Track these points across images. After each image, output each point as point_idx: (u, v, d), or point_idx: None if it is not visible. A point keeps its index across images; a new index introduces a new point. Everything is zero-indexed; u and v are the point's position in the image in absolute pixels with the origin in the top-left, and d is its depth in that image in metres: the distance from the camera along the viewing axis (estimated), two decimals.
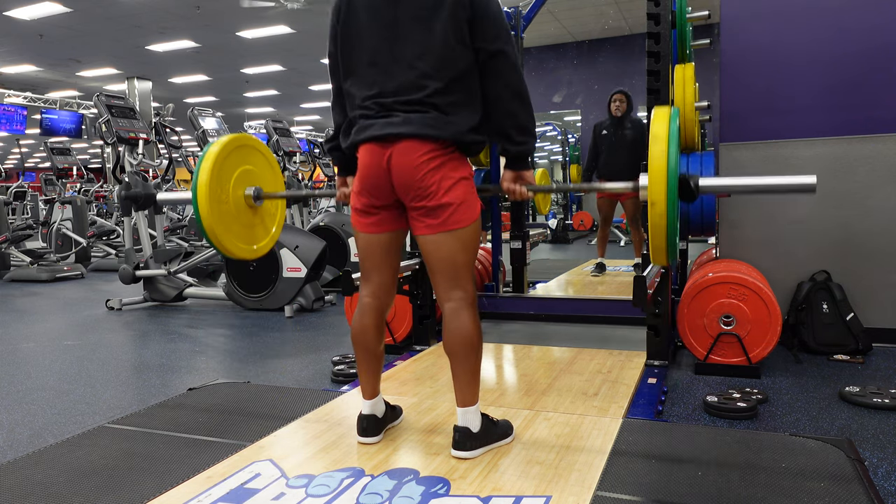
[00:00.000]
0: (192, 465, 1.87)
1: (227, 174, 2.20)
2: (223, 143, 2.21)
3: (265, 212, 2.37)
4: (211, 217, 2.13)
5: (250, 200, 2.28)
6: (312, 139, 8.61)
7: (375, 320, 2.00)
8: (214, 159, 2.15)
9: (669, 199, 1.68)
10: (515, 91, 1.84)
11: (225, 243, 2.19)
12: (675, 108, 1.85)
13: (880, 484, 1.81)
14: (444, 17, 1.78)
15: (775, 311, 2.82)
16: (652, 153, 1.73)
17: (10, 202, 9.93)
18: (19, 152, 27.16)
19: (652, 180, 1.71)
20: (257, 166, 2.34)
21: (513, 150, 1.89)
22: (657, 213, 1.70)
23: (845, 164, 3.33)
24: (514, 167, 1.93)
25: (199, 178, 2.13)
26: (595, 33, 10.56)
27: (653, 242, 1.75)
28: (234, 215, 2.23)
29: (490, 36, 1.81)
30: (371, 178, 1.85)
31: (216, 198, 2.15)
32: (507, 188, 1.95)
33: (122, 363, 3.50)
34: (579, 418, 2.18)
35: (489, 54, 1.81)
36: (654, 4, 2.83)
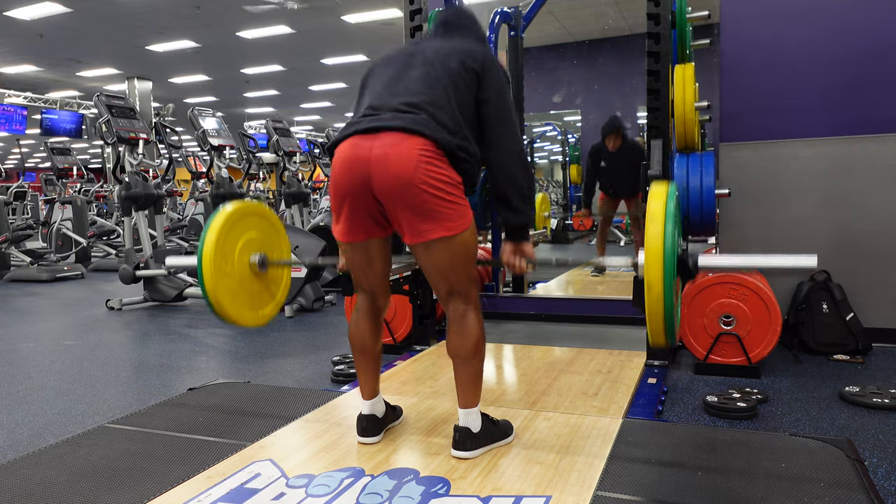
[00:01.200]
0: (192, 465, 1.87)
1: (232, 244, 2.17)
2: (227, 214, 2.16)
3: (270, 278, 2.34)
4: (216, 289, 2.10)
5: (255, 268, 2.24)
6: (312, 139, 8.61)
7: (371, 321, 2.01)
8: (219, 229, 2.12)
9: (667, 282, 1.65)
10: (518, 156, 1.87)
11: (231, 313, 2.16)
12: (674, 185, 1.81)
13: (880, 484, 1.81)
14: (454, 66, 1.84)
15: (775, 311, 2.82)
16: (649, 234, 1.68)
17: (10, 202, 9.93)
18: (19, 152, 27.16)
19: (649, 264, 1.66)
20: (263, 232, 2.30)
21: (512, 221, 1.90)
22: (654, 297, 1.66)
23: (845, 164, 3.33)
24: (513, 239, 1.94)
25: (203, 248, 2.09)
26: (595, 33, 10.55)
27: (650, 324, 1.70)
28: (239, 284, 2.19)
29: (493, 104, 1.85)
30: (347, 173, 1.77)
31: (221, 270, 2.11)
32: (507, 261, 1.96)
33: (122, 363, 3.50)
34: (579, 418, 2.18)
35: (492, 121, 1.85)
36: (654, 4, 2.83)
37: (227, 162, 6.31)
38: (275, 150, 6.97)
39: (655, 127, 2.84)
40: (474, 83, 1.85)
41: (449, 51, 1.89)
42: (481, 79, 1.85)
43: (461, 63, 1.84)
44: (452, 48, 1.90)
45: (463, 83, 1.83)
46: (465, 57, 1.86)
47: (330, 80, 16.58)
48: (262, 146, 8.63)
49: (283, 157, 6.94)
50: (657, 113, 2.83)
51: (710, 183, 3.05)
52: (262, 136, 9.85)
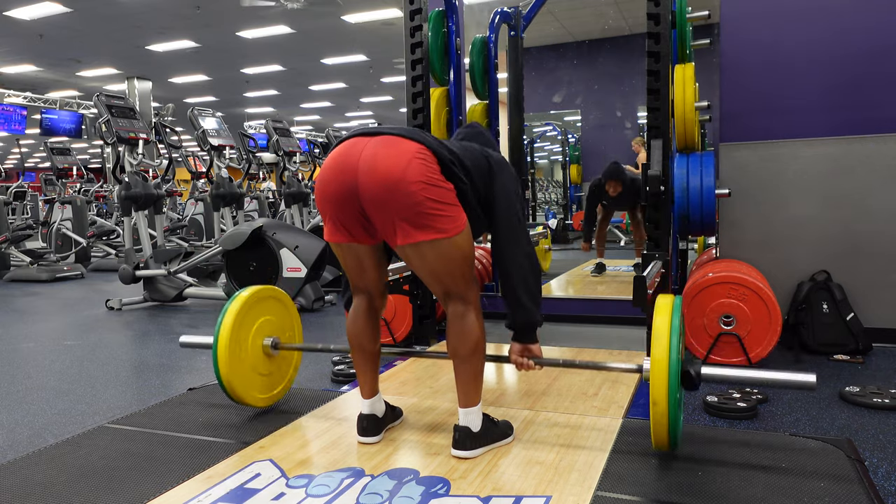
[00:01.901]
0: (192, 465, 1.87)
1: (247, 329, 2.24)
2: (244, 299, 2.23)
3: (281, 358, 2.40)
4: (231, 374, 2.16)
5: (268, 350, 2.30)
6: (312, 139, 8.61)
7: (368, 321, 2.01)
8: (235, 316, 2.18)
9: (671, 398, 1.69)
10: (528, 255, 1.88)
11: (243, 396, 2.23)
12: (679, 299, 1.84)
13: (880, 484, 1.81)
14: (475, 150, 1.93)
15: (775, 311, 2.82)
16: (654, 352, 1.72)
17: (10, 202, 9.93)
18: (19, 152, 27.16)
19: (654, 381, 1.70)
20: (276, 315, 2.37)
21: (520, 320, 1.91)
22: (659, 412, 1.71)
23: (845, 164, 3.32)
24: (521, 339, 1.96)
25: (219, 337, 2.14)
26: (595, 33, 10.55)
27: (655, 434, 1.75)
28: (251, 367, 2.26)
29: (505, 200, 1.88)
30: (333, 175, 1.75)
31: (235, 356, 2.18)
32: (515, 360, 1.98)
33: (122, 363, 3.50)
34: (579, 418, 2.18)
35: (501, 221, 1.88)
36: (654, 4, 2.82)
37: (227, 162, 6.31)
38: (275, 150, 6.97)
39: (655, 127, 2.84)
40: (487, 173, 1.89)
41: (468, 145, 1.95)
42: (493, 175, 1.88)
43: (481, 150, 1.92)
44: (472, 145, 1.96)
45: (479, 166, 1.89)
46: (483, 149, 1.94)
47: (330, 80, 16.58)
48: (262, 146, 8.63)
49: (283, 157, 6.94)
50: (657, 113, 2.83)
51: (710, 183, 3.05)
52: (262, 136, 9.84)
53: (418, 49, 3.19)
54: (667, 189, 2.63)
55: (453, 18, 3.60)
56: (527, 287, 1.87)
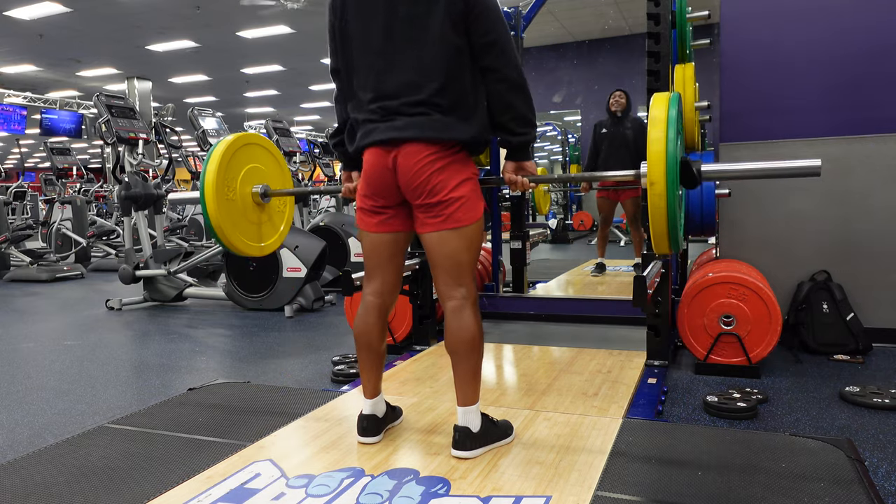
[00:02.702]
0: (192, 465, 1.87)
1: (235, 172, 2.20)
2: (229, 142, 2.21)
3: (273, 209, 2.37)
4: (219, 214, 2.13)
5: (258, 198, 2.28)
6: (312, 139, 8.61)
7: (379, 319, 2.01)
8: (221, 157, 2.15)
9: (669, 180, 1.64)
10: (513, 83, 1.84)
11: (233, 241, 2.19)
12: (676, 94, 1.82)
13: (880, 484, 1.81)
14: (440, 14, 1.78)
15: (775, 311, 2.82)
16: (651, 136, 1.69)
17: (9, 202, 9.93)
18: (19, 152, 27.16)
19: (651, 161, 1.67)
20: (265, 164, 2.34)
21: (513, 141, 1.90)
22: (656, 194, 1.64)
23: (845, 164, 3.33)
24: (515, 157, 1.94)
25: (206, 175, 2.12)
26: (595, 33, 10.56)
27: (653, 228, 1.69)
28: (241, 213, 2.23)
29: (483, 29, 1.80)
30: (377, 179, 1.87)
31: (223, 195, 2.14)
32: (509, 179, 1.96)
33: (122, 363, 3.50)
34: (579, 418, 2.18)
35: (484, 47, 1.81)
36: (654, 4, 2.83)
37: None
38: None
39: None
40: (462, 18, 1.78)
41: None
42: (468, 9, 1.78)
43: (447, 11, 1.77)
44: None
45: (453, 22, 1.78)
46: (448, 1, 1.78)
47: (330, 81, 16.50)
48: None
49: (283, 157, 6.94)
50: None
51: (710, 183, 3.05)
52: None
53: None
54: None
55: None
56: (516, 115, 1.85)
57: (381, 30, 1.84)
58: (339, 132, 2.06)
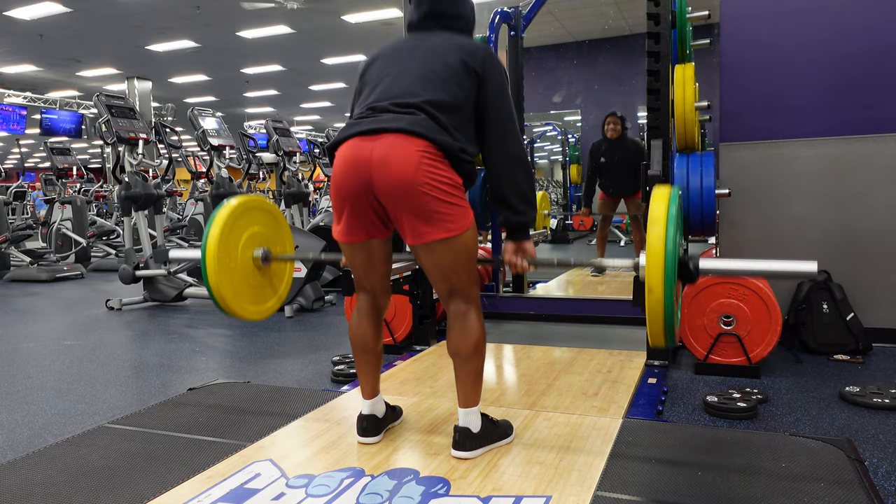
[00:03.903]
0: (192, 465, 1.87)
1: (236, 238, 2.18)
2: (232, 207, 2.17)
3: (273, 272, 2.35)
4: (220, 282, 2.10)
5: (259, 262, 2.25)
6: (312, 139, 8.61)
7: (372, 321, 2.01)
8: (223, 224, 2.12)
9: (667, 285, 1.64)
10: (518, 158, 1.86)
11: (233, 307, 2.17)
12: (676, 189, 1.80)
13: (880, 484, 1.81)
14: (454, 64, 1.83)
15: (775, 311, 2.82)
16: (650, 237, 1.67)
17: (10, 202, 9.93)
18: (19, 152, 27.16)
19: (650, 266, 1.65)
20: (266, 227, 2.31)
21: (513, 220, 1.90)
22: (655, 300, 1.65)
23: (845, 164, 3.32)
24: (514, 238, 1.94)
25: (207, 245, 2.09)
26: (595, 33, 10.55)
27: (650, 326, 1.69)
28: (242, 279, 2.20)
29: (494, 103, 1.84)
30: (348, 174, 1.77)
31: (225, 265, 2.12)
32: (509, 260, 1.95)
33: (122, 363, 3.50)
34: (579, 418, 2.18)
35: (493, 120, 1.84)
36: (654, 4, 2.83)
37: (227, 162, 6.31)
38: (275, 150, 6.97)
39: (655, 127, 2.84)
40: (475, 84, 1.84)
41: (448, 48, 1.87)
42: (482, 80, 1.84)
43: (462, 63, 1.83)
44: (451, 45, 1.88)
45: (463, 83, 1.82)
46: (465, 56, 1.84)
47: (330, 80, 16.58)
48: (262, 146, 8.63)
49: (283, 157, 6.94)
50: (657, 113, 2.83)
51: (710, 183, 3.04)
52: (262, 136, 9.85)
53: None
54: None
55: None
56: (518, 190, 1.86)
57: (395, 64, 1.89)
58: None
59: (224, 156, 6.28)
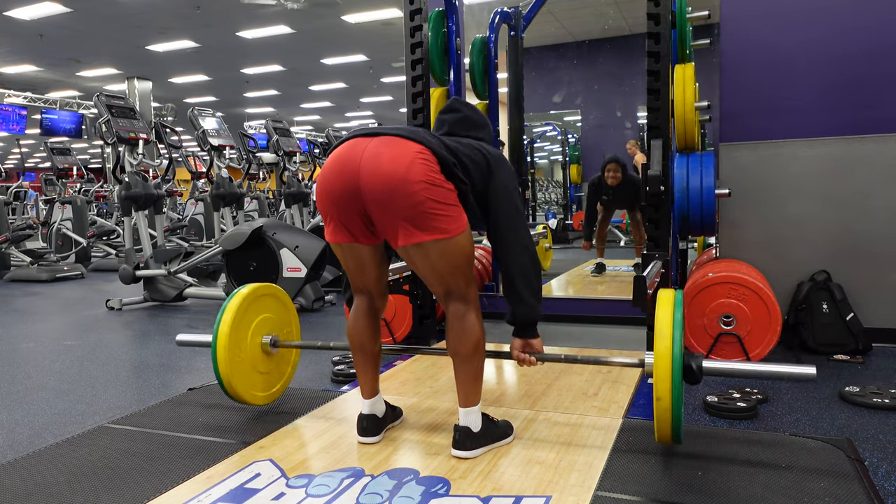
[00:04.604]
0: (192, 465, 1.87)
1: (246, 327, 2.23)
2: (243, 296, 2.22)
3: (280, 357, 2.40)
4: (230, 371, 2.16)
5: (267, 348, 2.30)
6: (312, 139, 8.61)
7: (369, 321, 2.01)
8: (234, 315, 2.17)
9: (675, 394, 1.70)
10: (528, 259, 1.88)
11: (242, 395, 2.22)
12: (680, 293, 1.84)
13: (880, 484, 1.81)
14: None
15: (775, 311, 2.82)
16: (657, 347, 1.72)
17: (10, 202, 9.93)
18: (19, 152, 27.16)
19: (657, 375, 1.70)
20: (274, 313, 2.37)
21: (521, 317, 1.91)
22: (663, 408, 1.71)
23: (845, 164, 3.32)
24: (522, 335, 1.95)
25: (218, 333, 2.14)
26: (595, 33, 10.55)
27: (658, 429, 1.76)
28: (251, 365, 2.25)
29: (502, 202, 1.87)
30: (335, 174, 1.76)
31: (235, 356, 2.17)
32: (516, 356, 1.97)
33: (122, 363, 3.50)
34: (579, 418, 2.18)
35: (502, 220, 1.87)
36: (654, 4, 2.82)
37: (227, 162, 6.31)
38: (275, 150, 6.97)
39: (655, 127, 2.84)
40: (486, 169, 1.88)
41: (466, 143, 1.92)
42: (491, 173, 1.88)
43: (478, 149, 1.89)
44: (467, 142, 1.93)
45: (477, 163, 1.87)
46: (480, 146, 1.92)
47: (330, 80, 16.58)
48: (262, 146, 8.63)
49: (283, 157, 6.94)
50: (657, 113, 2.83)
51: (710, 183, 3.05)
52: (262, 136, 9.84)
53: (418, 49, 3.19)
54: (667, 189, 2.63)
55: (453, 18, 3.60)
56: (527, 283, 1.87)
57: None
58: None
59: (224, 156, 6.28)
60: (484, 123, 2.07)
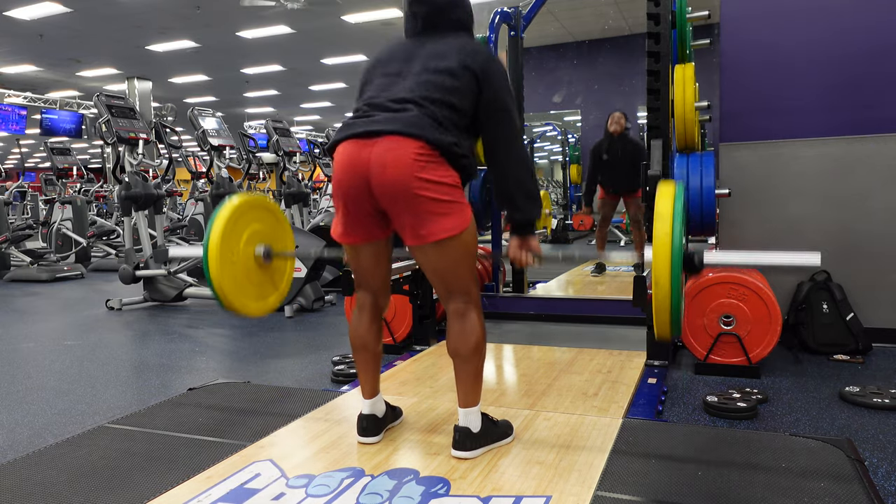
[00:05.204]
0: (192, 465, 1.87)
1: (238, 235, 2.21)
2: (234, 205, 2.20)
3: (274, 269, 2.38)
4: (221, 277, 2.13)
5: (260, 260, 2.28)
6: (312, 139, 8.61)
7: (372, 321, 2.01)
8: (226, 220, 2.15)
9: (674, 279, 1.68)
10: (521, 158, 1.86)
11: (235, 304, 2.19)
12: (680, 185, 1.83)
13: (880, 484, 1.81)
14: (454, 66, 1.82)
15: (775, 311, 2.82)
16: (657, 233, 1.70)
17: (10, 202, 9.93)
18: (19, 152, 27.16)
19: (657, 262, 1.69)
20: (268, 225, 2.35)
21: (518, 218, 1.90)
22: (661, 293, 1.69)
23: (845, 165, 3.32)
24: (519, 234, 1.94)
25: (210, 238, 2.12)
26: (595, 33, 10.55)
27: (657, 318, 1.74)
28: (244, 274, 2.23)
29: (492, 98, 1.84)
30: (349, 175, 1.79)
31: (227, 260, 2.15)
32: (513, 256, 1.96)
33: (122, 363, 3.50)
34: (579, 418, 2.18)
35: (492, 115, 1.84)
36: (654, 4, 2.83)
37: (227, 162, 6.31)
38: (275, 150, 6.97)
39: (655, 127, 2.84)
40: (475, 86, 1.84)
41: (448, 51, 1.87)
42: (483, 82, 1.84)
43: (461, 64, 1.83)
44: (451, 48, 1.87)
45: (463, 84, 1.82)
46: (466, 58, 1.84)
47: (330, 80, 16.58)
48: (262, 146, 8.63)
49: (283, 157, 6.94)
50: (657, 113, 2.83)
51: (710, 183, 3.05)
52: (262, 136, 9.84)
53: None
54: None
55: None
56: (522, 187, 1.86)
57: (395, 66, 1.89)
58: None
59: (224, 156, 6.28)
60: (462, 16, 1.97)
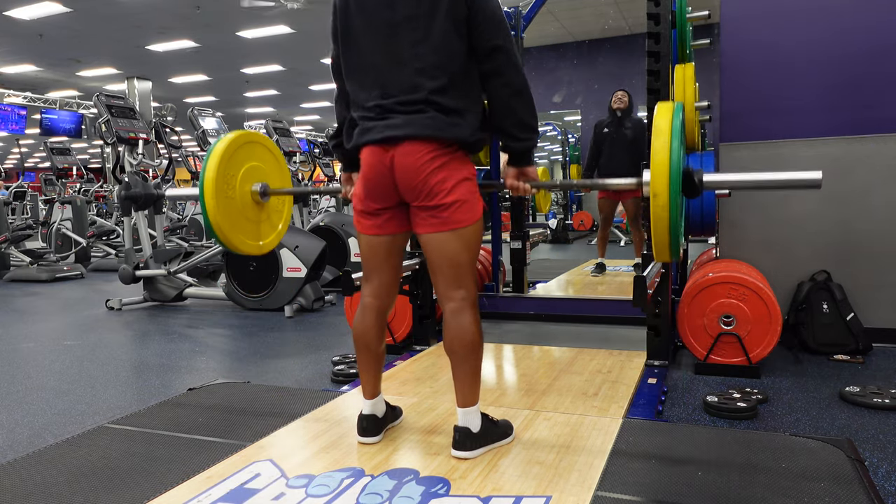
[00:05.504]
0: (192, 465, 1.87)
1: (235, 170, 2.19)
2: (230, 140, 2.19)
3: (272, 208, 2.36)
4: (218, 212, 2.11)
5: (257, 196, 2.26)
6: (312, 139, 8.61)
7: (377, 320, 2.01)
8: (221, 155, 2.13)
9: (672, 192, 1.65)
10: (516, 89, 1.83)
11: (231, 238, 2.18)
12: (679, 104, 1.83)
13: (880, 484, 1.81)
14: (441, 16, 1.78)
15: (775, 311, 2.82)
16: (654, 147, 1.69)
17: (10, 202, 9.93)
18: (19, 152, 27.16)
19: (654, 172, 1.68)
20: (264, 163, 2.32)
21: (515, 147, 1.89)
22: (659, 205, 1.66)
23: (845, 164, 3.32)
24: (516, 163, 1.93)
25: (206, 173, 2.11)
26: (595, 33, 10.56)
27: (655, 237, 1.71)
28: (240, 211, 2.21)
29: (487, 33, 1.80)
30: (374, 180, 1.86)
31: (223, 193, 2.13)
32: (511, 184, 1.95)
33: (122, 363, 3.50)
34: (579, 418, 2.18)
35: (487, 52, 1.81)
36: (654, 4, 2.83)
37: None
38: None
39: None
40: (464, 21, 1.79)
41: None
42: (473, 11, 1.79)
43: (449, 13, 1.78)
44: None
45: (455, 25, 1.78)
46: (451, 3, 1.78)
47: (330, 80, 16.43)
48: None
49: (283, 156, 6.94)
50: None
51: None
52: None
53: None
54: None
55: None
56: (517, 120, 1.85)
57: (384, 29, 1.83)
58: (339, 133, 2.04)
59: None
60: None
